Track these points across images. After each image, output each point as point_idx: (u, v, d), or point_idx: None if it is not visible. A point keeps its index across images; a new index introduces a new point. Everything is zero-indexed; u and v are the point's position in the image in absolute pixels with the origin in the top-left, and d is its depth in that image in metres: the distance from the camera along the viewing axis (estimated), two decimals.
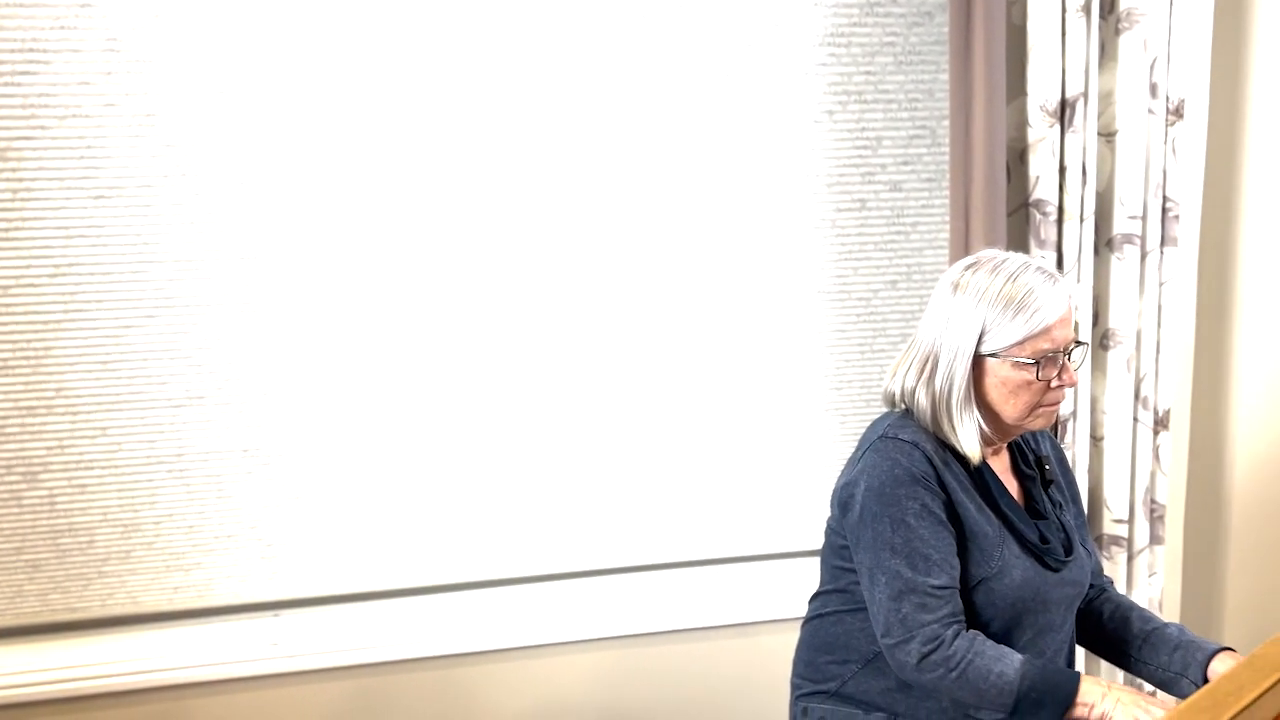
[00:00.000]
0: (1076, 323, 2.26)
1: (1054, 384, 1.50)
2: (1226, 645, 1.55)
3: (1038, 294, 1.47)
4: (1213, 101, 2.37)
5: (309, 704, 2.28)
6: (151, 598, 2.25)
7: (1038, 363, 1.47)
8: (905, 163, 2.36)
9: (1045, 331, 1.47)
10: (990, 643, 1.46)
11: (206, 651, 2.23)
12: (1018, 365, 1.47)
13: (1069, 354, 1.51)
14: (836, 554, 1.61)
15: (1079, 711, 1.42)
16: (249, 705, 2.26)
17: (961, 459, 1.53)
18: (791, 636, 1.78)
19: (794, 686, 1.70)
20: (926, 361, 1.53)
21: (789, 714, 1.71)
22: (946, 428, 1.51)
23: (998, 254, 1.54)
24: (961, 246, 2.19)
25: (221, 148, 2.09)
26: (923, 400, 1.53)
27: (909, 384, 1.55)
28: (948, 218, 2.28)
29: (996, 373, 1.49)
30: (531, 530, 2.36)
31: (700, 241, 2.31)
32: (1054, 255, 2.23)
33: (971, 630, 1.47)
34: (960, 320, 1.50)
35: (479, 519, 2.33)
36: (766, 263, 2.34)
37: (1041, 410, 1.52)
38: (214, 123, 2.08)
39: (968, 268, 1.53)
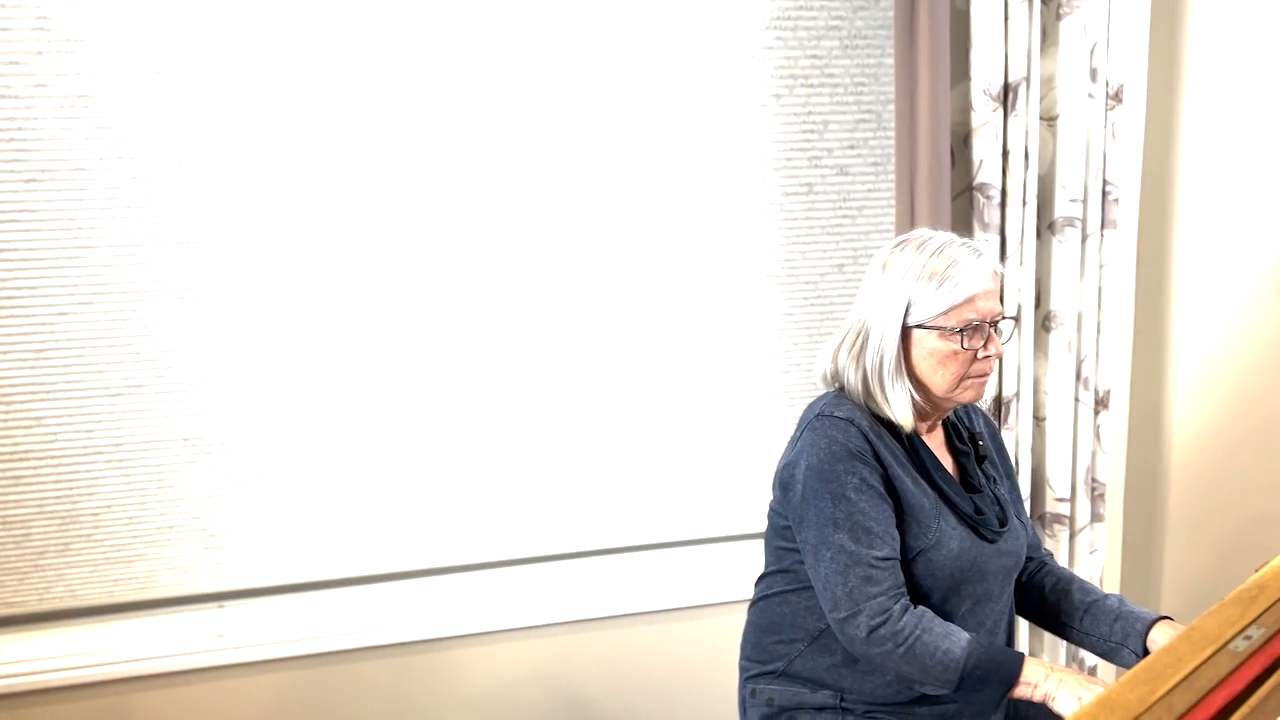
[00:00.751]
0: (1019, 306, 2.29)
1: (980, 354, 1.52)
2: (1165, 615, 1.59)
3: (961, 265, 1.50)
4: (1150, 86, 2.41)
5: (256, 696, 2.25)
6: (91, 591, 2.20)
7: (962, 332, 1.49)
8: (851, 147, 2.37)
9: (969, 301, 1.50)
10: (938, 620, 1.48)
11: (149, 645, 2.19)
12: (944, 335, 1.50)
13: (995, 326, 1.54)
14: (779, 535, 1.62)
15: (1022, 690, 1.44)
16: (194, 698, 2.22)
17: (896, 434, 1.55)
18: (740, 619, 1.78)
19: (742, 669, 1.71)
20: (858, 338, 1.56)
21: (738, 696, 1.72)
22: (880, 399, 1.54)
23: (925, 232, 1.57)
24: (907, 230, 2.20)
25: (158, 129, 2.04)
26: (854, 376, 1.56)
27: (841, 361, 1.58)
28: (894, 202, 2.29)
29: (924, 344, 1.52)
30: (479, 518, 2.34)
31: (650, 227, 2.30)
32: (997, 238, 2.26)
33: (920, 607, 1.50)
34: (888, 295, 1.53)
35: (426, 507, 2.31)
36: (715, 247, 2.34)
37: (970, 381, 1.54)
38: (150, 103, 2.03)
39: (896, 246, 1.56)
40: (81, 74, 1.99)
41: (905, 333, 1.53)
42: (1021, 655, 1.45)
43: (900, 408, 1.53)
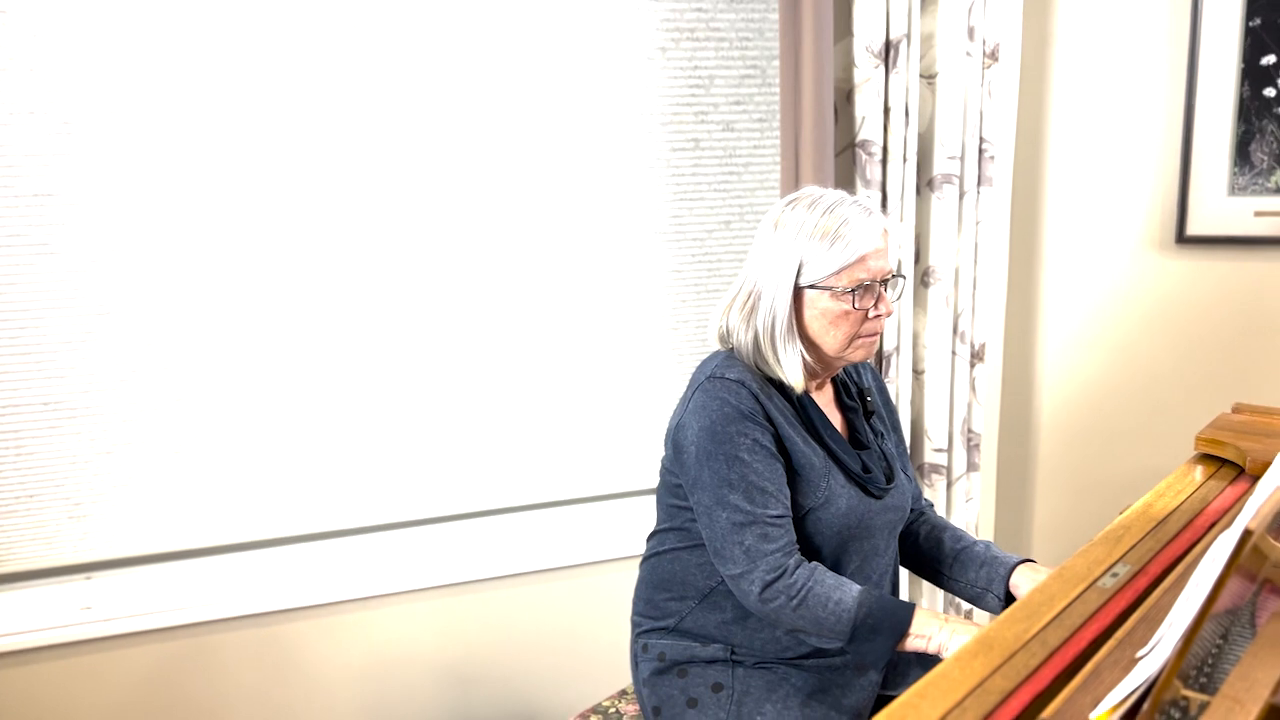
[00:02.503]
0: (900, 261, 2.33)
1: (871, 314, 1.54)
2: (1028, 558, 1.64)
3: (852, 225, 1.50)
4: (1025, 45, 2.47)
5: (127, 670, 2.16)
6: None
7: (854, 292, 1.51)
8: (737, 102, 2.37)
9: (860, 261, 1.50)
10: (830, 573, 1.50)
11: (11, 620, 2.08)
12: (835, 295, 1.51)
13: (886, 285, 1.55)
14: (671, 493, 1.62)
15: (915, 643, 1.46)
16: (61, 675, 2.12)
17: (786, 394, 1.56)
18: (631, 575, 1.79)
19: (634, 624, 1.72)
20: (749, 298, 1.55)
21: (630, 651, 1.73)
22: (771, 360, 1.54)
23: (816, 190, 1.57)
24: (792, 186, 2.22)
25: None
26: (746, 336, 1.56)
27: (733, 321, 1.58)
28: (779, 158, 2.30)
29: (816, 304, 1.53)
30: (359, 481, 2.29)
31: (539, 184, 2.26)
32: (879, 195, 2.29)
33: (813, 562, 1.52)
34: (780, 255, 1.52)
35: (303, 471, 2.24)
36: (604, 204, 2.32)
37: (861, 341, 1.56)
38: None
39: (788, 205, 1.56)
40: None
41: (797, 293, 1.53)
42: (912, 605, 1.48)
43: (791, 369, 1.53)
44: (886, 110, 2.26)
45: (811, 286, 1.51)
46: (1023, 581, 1.59)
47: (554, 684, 2.47)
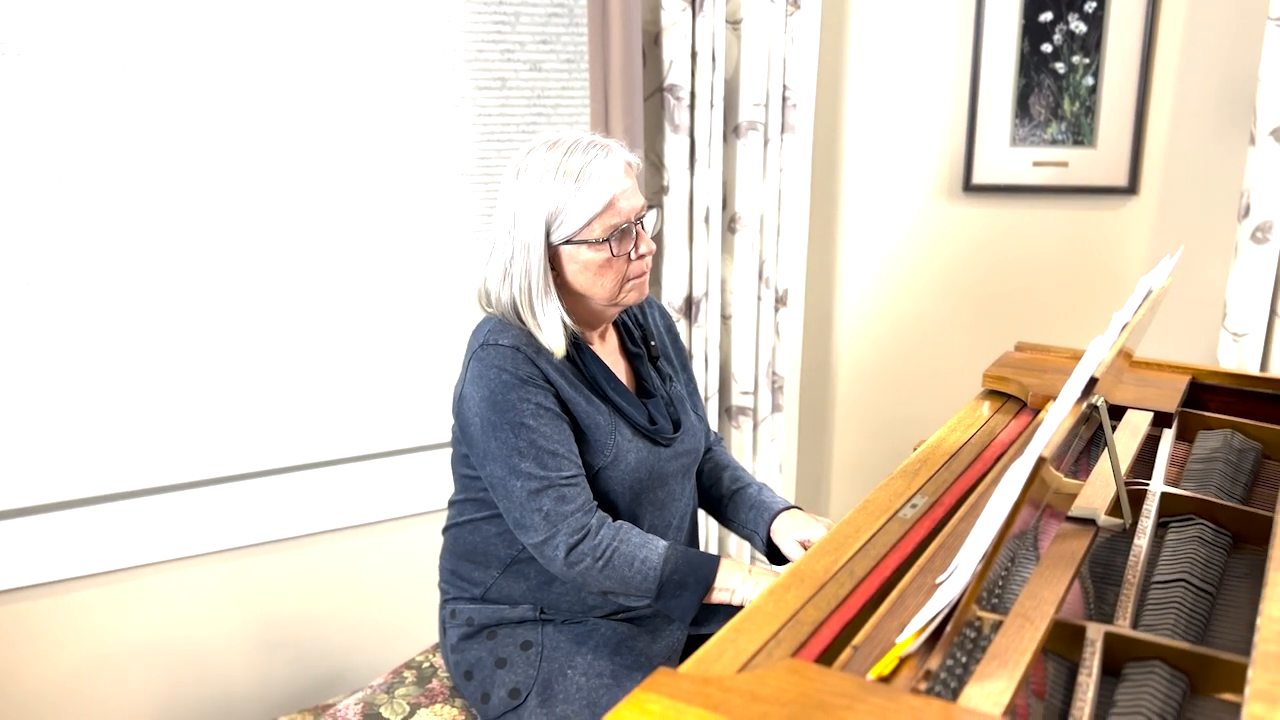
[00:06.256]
0: (706, 204, 2.35)
1: (634, 256, 1.51)
2: (794, 505, 1.69)
3: (593, 169, 1.45)
4: None
5: None
6: None
7: (610, 240, 1.47)
8: (544, 41, 2.32)
9: (610, 206, 1.46)
10: (636, 530, 1.50)
11: None
12: (592, 246, 1.47)
13: (640, 222, 1.52)
14: (463, 463, 1.58)
15: (719, 596, 1.47)
16: None
17: (566, 353, 1.52)
18: (438, 527, 1.74)
19: (442, 591, 1.68)
20: (502, 259, 1.50)
21: (439, 618, 1.69)
22: (531, 324, 1.49)
23: (554, 133, 1.52)
24: (601, 130, 2.20)
25: None
26: (505, 298, 1.50)
27: (491, 284, 1.52)
28: (589, 100, 2.27)
29: (576, 258, 1.48)
30: (147, 439, 2.14)
31: (341, 122, 2.14)
32: (688, 141, 2.30)
33: (619, 521, 1.51)
34: (526, 211, 1.47)
35: (85, 431, 2.08)
36: (406, 144, 2.23)
37: (632, 284, 1.52)
38: None
39: (528, 151, 1.50)
40: None
41: (553, 251, 1.48)
42: (717, 558, 1.49)
43: (551, 333, 1.48)
44: (694, 55, 2.26)
45: (566, 243, 1.46)
46: (783, 528, 1.62)
47: (365, 642, 2.40)
